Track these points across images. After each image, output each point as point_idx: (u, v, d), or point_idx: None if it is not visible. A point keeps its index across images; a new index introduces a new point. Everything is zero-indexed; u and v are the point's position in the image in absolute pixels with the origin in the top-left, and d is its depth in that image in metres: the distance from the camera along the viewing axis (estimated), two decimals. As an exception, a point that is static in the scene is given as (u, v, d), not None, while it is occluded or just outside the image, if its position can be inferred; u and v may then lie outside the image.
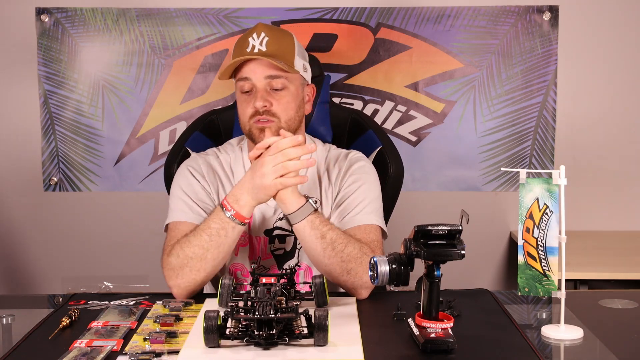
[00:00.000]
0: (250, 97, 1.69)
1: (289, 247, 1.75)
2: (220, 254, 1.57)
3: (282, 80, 1.69)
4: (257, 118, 1.68)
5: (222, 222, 1.55)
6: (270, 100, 1.68)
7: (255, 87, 1.68)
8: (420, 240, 1.27)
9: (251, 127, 1.70)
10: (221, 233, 1.55)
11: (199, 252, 1.56)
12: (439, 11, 2.69)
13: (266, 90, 1.68)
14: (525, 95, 2.73)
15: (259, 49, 1.67)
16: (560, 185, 1.35)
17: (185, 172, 1.76)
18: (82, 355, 1.25)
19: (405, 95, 2.73)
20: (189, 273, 1.57)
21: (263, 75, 1.67)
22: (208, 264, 1.57)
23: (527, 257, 1.37)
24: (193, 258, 1.56)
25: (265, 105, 1.67)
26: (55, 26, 2.70)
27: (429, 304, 1.29)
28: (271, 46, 1.68)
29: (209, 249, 1.55)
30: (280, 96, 1.69)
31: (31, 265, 2.83)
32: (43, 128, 2.76)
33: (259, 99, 1.67)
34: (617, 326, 1.49)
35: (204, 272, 1.58)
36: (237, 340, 1.27)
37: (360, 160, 1.79)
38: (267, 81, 1.68)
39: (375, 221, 1.69)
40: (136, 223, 2.77)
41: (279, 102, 1.68)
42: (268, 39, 1.68)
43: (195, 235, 1.57)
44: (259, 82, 1.68)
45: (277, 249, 1.75)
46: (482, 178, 2.77)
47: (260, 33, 1.69)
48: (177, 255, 1.57)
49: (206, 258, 1.56)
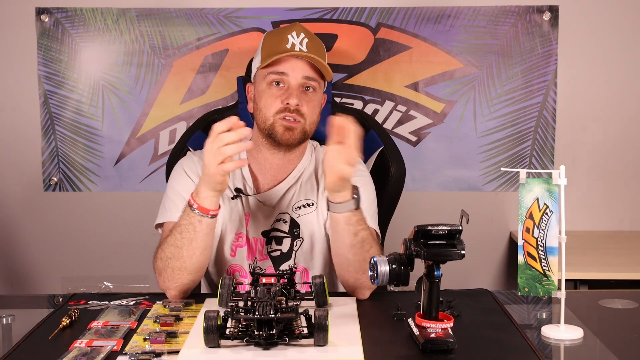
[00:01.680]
0: (281, 92, 1.69)
1: (286, 248, 1.75)
2: (196, 250, 1.56)
3: (315, 84, 1.71)
4: (286, 114, 1.68)
5: (189, 218, 1.55)
6: (302, 100, 1.69)
7: (290, 84, 1.69)
8: (420, 240, 1.27)
9: (275, 122, 1.69)
10: (189, 228, 1.55)
11: (175, 251, 1.56)
12: (439, 11, 2.69)
13: (299, 90, 1.69)
14: (525, 95, 2.73)
15: (300, 48, 1.68)
16: (560, 185, 1.35)
17: (181, 171, 1.76)
18: (82, 355, 1.25)
19: (405, 95, 2.73)
20: (171, 274, 1.57)
21: (302, 74, 1.69)
22: (186, 262, 1.56)
23: (527, 257, 1.37)
24: (171, 258, 1.57)
25: (298, 105, 1.68)
26: (55, 26, 2.70)
27: (429, 304, 1.29)
28: (311, 49, 1.70)
29: (182, 247, 1.56)
30: (309, 98, 1.71)
31: (31, 265, 2.83)
32: (43, 128, 2.76)
33: (295, 97, 1.67)
34: (617, 326, 1.49)
35: (185, 271, 1.57)
36: (237, 340, 1.27)
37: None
38: (303, 81, 1.69)
39: (371, 225, 1.70)
40: (136, 223, 2.77)
41: (308, 104, 1.70)
42: (308, 40, 1.70)
43: (171, 235, 1.58)
44: (296, 80, 1.69)
45: (273, 250, 1.75)
46: (482, 178, 2.77)
47: (299, 33, 1.70)
48: (160, 258, 1.59)
49: (182, 256, 1.56)
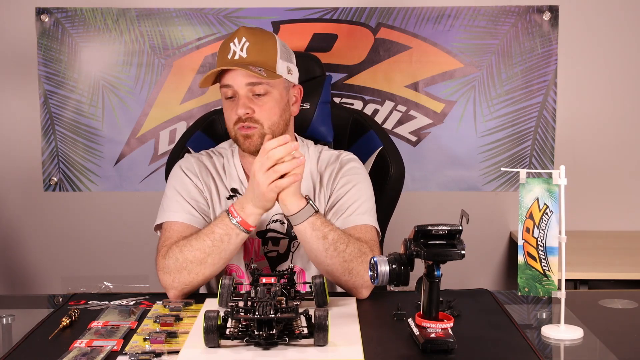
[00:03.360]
0: (233, 104, 1.68)
1: (283, 249, 1.74)
2: (221, 260, 1.57)
3: (264, 86, 1.67)
4: (240, 125, 1.67)
5: (227, 228, 1.54)
6: (253, 106, 1.66)
7: (238, 94, 1.67)
8: (420, 240, 1.27)
9: (236, 134, 1.69)
10: (225, 239, 1.54)
11: (200, 256, 1.55)
12: (439, 11, 2.69)
13: (248, 97, 1.67)
14: (525, 95, 2.73)
15: (240, 55, 1.66)
16: (560, 185, 1.35)
17: (179, 172, 1.75)
18: (82, 355, 1.25)
19: (405, 95, 2.73)
20: (187, 276, 1.56)
21: (244, 82, 1.66)
22: (207, 269, 1.56)
23: (527, 257, 1.37)
24: (193, 261, 1.55)
25: (248, 112, 1.66)
26: (55, 26, 2.70)
27: (429, 304, 1.29)
28: (252, 52, 1.66)
29: (210, 254, 1.55)
30: (262, 102, 1.68)
31: (31, 265, 2.83)
32: (43, 128, 2.76)
33: (241, 106, 1.66)
34: (617, 326, 1.49)
35: (202, 276, 1.57)
36: (237, 340, 1.27)
37: (351, 162, 1.78)
38: (248, 88, 1.66)
39: (369, 221, 1.69)
40: (136, 223, 2.77)
41: (261, 109, 1.67)
42: (249, 44, 1.66)
43: (197, 239, 1.56)
44: (241, 89, 1.66)
45: (270, 251, 1.74)
46: (482, 178, 2.77)
47: (241, 38, 1.67)
48: (175, 258, 1.57)
49: (206, 262, 1.55)
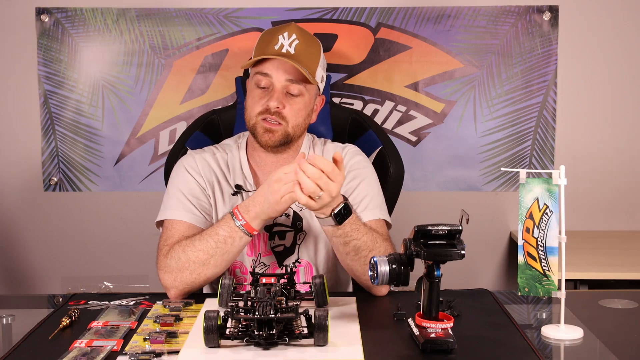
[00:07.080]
0: (264, 93, 1.69)
1: (289, 243, 1.74)
2: (224, 262, 1.57)
3: (300, 87, 1.69)
4: (266, 116, 1.68)
5: (230, 231, 1.54)
6: (285, 102, 1.68)
7: (273, 86, 1.68)
8: (420, 240, 1.27)
9: (257, 123, 1.69)
10: (228, 241, 1.54)
11: (203, 257, 1.55)
12: (439, 11, 2.69)
13: (283, 92, 1.68)
14: (525, 95, 2.73)
15: (287, 49, 1.67)
16: (560, 185, 1.35)
17: (182, 169, 1.75)
18: (82, 355, 1.25)
19: (405, 95, 2.73)
20: (188, 276, 1.56)
21: (284, 77, 1.67)
22: (209, 270, 1.56)
23: (527, 257, 1.37)
24: (195, 262, 1.55)
25: (279, 107, 1.67)
26: (55, 26, 2.70)
27: (429, 304, 1.29)
28: (300, 51, 1.67)
29: (213, 255, 1.55)
30: (294, 101, 1.69)
31: (31, 265, 2.83)
32: (43, 128, 2.75)
33: (275, 99, 1.67)
34: (617, 326, 1.49)
35: (204, 276, 1.57)
36: (237, 340, 1.27)
37: (356, 155, 1.79)
38: (286, 83, 1.68)
39: (380, 215, 1.69)
40: (136, 223, 2.77)
41: (291, 107, 1.69)
42: (298, 42, 1.68)
43: (201, 239, 1.56)
44: (279, 82, 1.68)
45: (277, 246, 1.74)
46: (482, 178, 2.77)
47: (291, 34, 1.68)
48: (177, 258, 1.56)
49: (209, 264, 1.55)
